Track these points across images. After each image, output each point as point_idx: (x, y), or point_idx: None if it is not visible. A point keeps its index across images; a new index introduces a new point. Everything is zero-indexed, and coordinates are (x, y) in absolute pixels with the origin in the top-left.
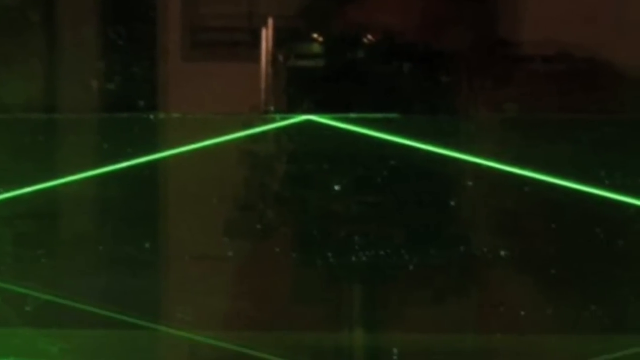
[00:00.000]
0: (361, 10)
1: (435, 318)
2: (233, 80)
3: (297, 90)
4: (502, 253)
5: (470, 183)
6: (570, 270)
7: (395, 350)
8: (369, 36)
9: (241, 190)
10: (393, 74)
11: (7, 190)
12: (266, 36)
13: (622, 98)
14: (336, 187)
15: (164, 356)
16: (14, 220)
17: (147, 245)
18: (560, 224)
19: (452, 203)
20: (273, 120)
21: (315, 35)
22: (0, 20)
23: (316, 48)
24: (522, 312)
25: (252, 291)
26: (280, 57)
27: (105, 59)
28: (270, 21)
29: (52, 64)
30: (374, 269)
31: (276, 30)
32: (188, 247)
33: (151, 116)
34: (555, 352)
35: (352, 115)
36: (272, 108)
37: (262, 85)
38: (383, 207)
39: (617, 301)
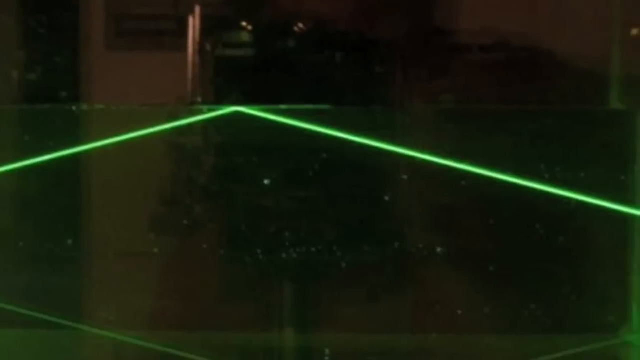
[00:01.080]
0: None
1: (368, 317)
2: (158, 70)
3: (225, 80)
4: (438, 249)
5: (405, 177)
6: (508, 267)
7: (327, 351)
8: (300, 24)
9: (167, 185)
10: (325, 64)
11: None
12: (193, 24)
13: (562, 88)
14: (266, 181)
15: (86, 357)
16: None
17: (69, 241)
18: (498, 219)
19: (387, 198)
20: (200, 112)
21: (244, 24)
22: None
23: (245, 36)
24: (459, 311)
25: (178, 289)
26: (208, 46)
27: (26, 48)
28: (197, 9)
29: None
30: (305, 266)
31: (203, 18)
32: (112, 243)
33: (73, 107)
34: (493, 352)
35: (282, 106)
36: (199, 99)
37: (189, 75)
38: (314, 201)
39: (557, 300)
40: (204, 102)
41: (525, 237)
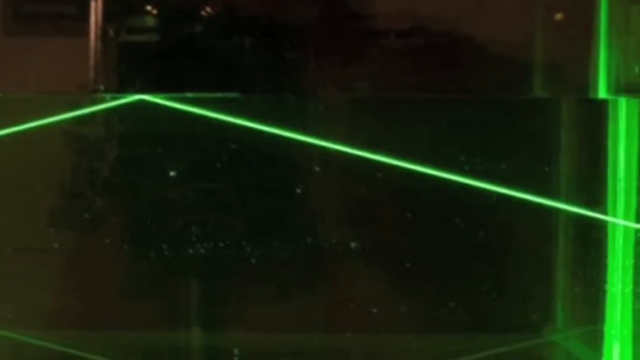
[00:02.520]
0: None
1: (279, 316)
2: (59, 57)
3: (129, 67)
4: (353, 245)
5: (318, 169)
6: (427, 263)
7: (236, 351)
8: (207, 9)
9: (68, 177)
10: (233, 50)
11: None
12: (95, 9)
13: (483, 76)
14: (172, 173)
15: None
16: None
17: None
18: (416, 213)
19: (298, 190)
20: (103, 101)
21: (148, 8)
22: None
23: (150, 21)
24: (374, 310)
25: (80, 287)
26: (111, 32)
27: None
28: None
29: None
30: (213, 262)
31: (106, 2)
32: (10, 238)
33: None
34: (411, 353)
35: (189, 94)
36: (101, 87)
37: (91, 62)
38: (223, 194)
39: (478, 298)
40: (107, 91)
41: (444, 232)
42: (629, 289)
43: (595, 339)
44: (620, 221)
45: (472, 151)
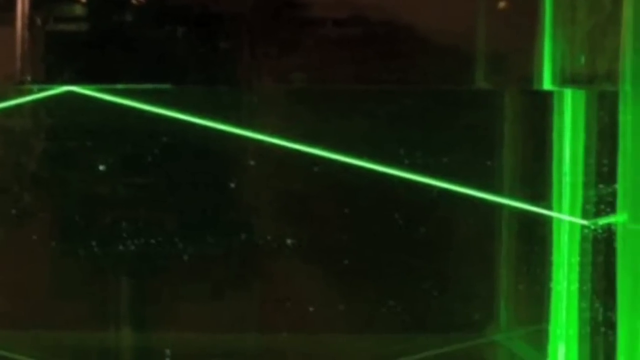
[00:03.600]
0: None
1: (213, 315)
2: None
3: (57, 57)
4: (289, 242)
5: (252, 162)
6: (365, 261)
7: (167, 352)
8: None
9: None
10: (165, 40)
11: None
12: None
13: (423, 67)
14: (101, 167)
15: None
16: None
17: None
18: (354, 208)
19: (233, 185)
20: (30, 92)
21: None
22: None
23: (79, 10)
24: (311, 309)
25: (5, 285)
26: (38, 20)
27: None
28: None
29: None
30: (144, 259)
31: None
32: None
33: None
34: (349, 353)
35: (120, 86)
36: (28, 78)
37: (18, 52)
38: (154, 189)
39: (419, 296)
40: (34, 82)
41: (383, 228)
42: (574, 287)
43: (539, 339)
44: (565, 217)
45: (412, 144)
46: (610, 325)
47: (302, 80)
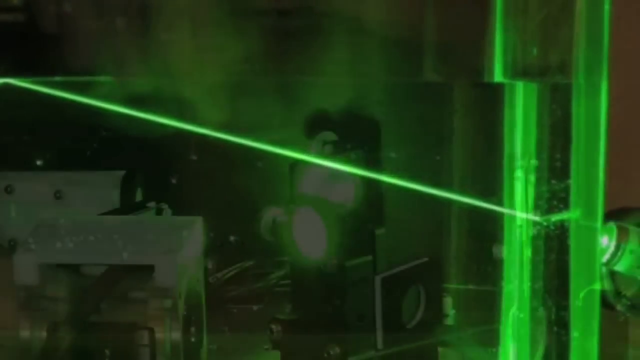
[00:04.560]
0: None
1: None
2: None
3: None
4: None
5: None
6: None
7: None
8: None
9: None
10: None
11: None
12: None
13: (370, 58)
14: (38, 162)
15: None
16: None
17: None
18: None
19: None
20: None
21: None
22: None
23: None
24: None
25: None
26: None
27: None
28: None
29: None
30: None
31: None
32: None
33: None
34: None
35: (57, 78)
36: None
37: None
38: None
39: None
40: None
41: None
42: (526, 285)
43: (490, 340)
44: (517, 213)
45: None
46: (563, 324)
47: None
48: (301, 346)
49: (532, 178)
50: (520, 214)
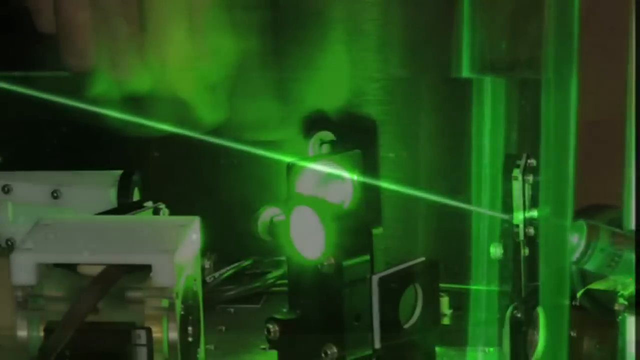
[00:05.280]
0: None
1: None
2: None
3: None
4: None
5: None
6: None
7: None
8: None
9: None
10: None
11: None
12: None
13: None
14: None
15: None
16: None
17: None
18: None
19: None
20: None
21: None
22: None
23: None
24: None
25: None
26: None
27: None
28: None
29: None
30: None
31: None
32: None
33: None
34: None
35: (17, 73)
36: None
37: None
38: None
39: None
40: None
41: None
42: (494, 285)
43: (458, 340)
44: (485, 211)
45: None
46: (533, 323)
47: None
48: (298, 346)
49: (499, 175)
50: (488, 211)
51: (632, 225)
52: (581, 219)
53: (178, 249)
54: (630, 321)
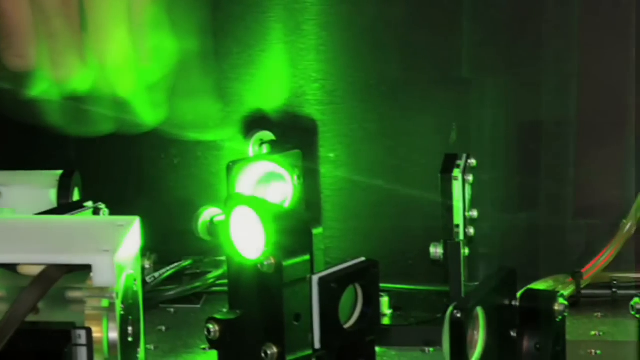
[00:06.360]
0: None
1: None
2: None
3: None
4: None
5: None
6: None
7: None
8: None
9: None
10: None
11: None
12: None
13: None
14: None
15: None
16: None
17: None
18: None
19: None
20: None
21: None
22: None
23: None
24: None
25: None
26: None
27: None
28: None
29: None
30: None
31: None
32: None
33: None
34: None
35: None
36: None
37: None
38: None
39: None
40: None
41: None
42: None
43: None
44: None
45: None
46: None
47: None
48: (239, 346)
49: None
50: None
51: None
52: None
53: (118, 249)
54: None
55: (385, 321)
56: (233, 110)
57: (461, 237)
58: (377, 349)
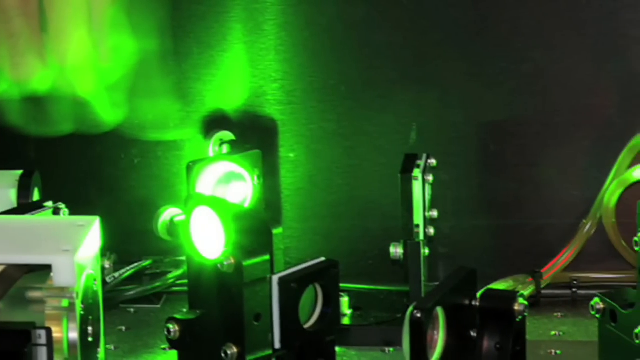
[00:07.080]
0: None
1: None
2: None
3: None
4: None
5: None
6: None
7: None
8: None
9: None
10: None
11: None
12: None
13: None
14: None
15: None
16: None
17: None
18: None
19: None
20: None
21: None
22: None
23: None
24: None
25: None
26: None
27: None
28: None
29: None
30: None
31: None
32: None
33: None
34: None
35: None
36: None
37: None
38: None
39: None
40: None
41: None
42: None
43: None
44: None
45: None
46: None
47: None
48: (199, 346)
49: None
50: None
51: None
52: None
53: (78, 249)
54: None
55: (345, 321)
56: (193, 110)
57: (421, 237)
58: (337, 349)
